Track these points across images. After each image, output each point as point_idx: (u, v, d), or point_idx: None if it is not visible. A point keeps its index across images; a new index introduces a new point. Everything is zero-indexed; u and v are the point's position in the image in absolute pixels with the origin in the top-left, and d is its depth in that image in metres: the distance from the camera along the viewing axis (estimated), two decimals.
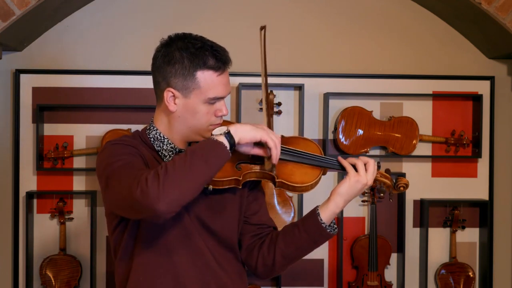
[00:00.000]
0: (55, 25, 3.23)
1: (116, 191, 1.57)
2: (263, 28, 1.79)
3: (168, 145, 1.73)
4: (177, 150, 1.74)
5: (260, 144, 1.67)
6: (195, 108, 1.68)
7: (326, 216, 1.75)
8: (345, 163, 1.78)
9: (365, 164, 1.77)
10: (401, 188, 1.83)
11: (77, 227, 3.23)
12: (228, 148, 1.57)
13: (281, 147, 1.75)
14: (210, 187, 1.69)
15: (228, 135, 1.58)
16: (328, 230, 1.75)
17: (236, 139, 1.59)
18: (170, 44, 1.69)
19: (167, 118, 1.72)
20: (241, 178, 1.71)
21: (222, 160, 1.57)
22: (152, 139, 1.74)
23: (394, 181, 1.84)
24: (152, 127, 1.75)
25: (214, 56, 1.66)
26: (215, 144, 1.56)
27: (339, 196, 1.75)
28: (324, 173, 1.79)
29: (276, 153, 1.65)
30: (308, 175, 1.75)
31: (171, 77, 1.66)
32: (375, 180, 1.81)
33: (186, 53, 1.65)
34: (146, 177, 1.49)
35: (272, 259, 1.80)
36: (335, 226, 1.79)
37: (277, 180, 1.74)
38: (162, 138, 1.73)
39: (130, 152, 1.65)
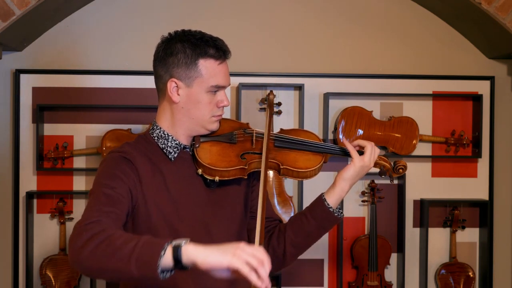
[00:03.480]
0: (55, 25, 3.23)
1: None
2: (270, 106, 1.87)
3: (172, 142, 1.75)
4: (181, 146, 1.76)
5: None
6: (197, 98, 1.72)
7: (332, 200, 1.80)
8: (350, 147, 1.84)
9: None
10: (400, 170, 1.92)
11: None
12: (162, 274, 1.38)
13: (284, 136, 1.83)
14: (217, 178, 1.72)
15: (178, 251, 1.37)
16: (336, 214, 1.80)
17: (187, 261, 1.38)
18: (171, 39, 1.76)
19: (170, 112, 1.75)
20: (246, 167, 1.74)
21: (148, 276, 1.40)
22: (156, 138, 1.76)
23: (392, 164, 1.92)
24: (155, 127, 1.77)
25: (215, 45, 1.72)
26: (154, 260, 1.38)
27: (344, 181, 1.81)
28: (325, 160, 1.85)
29: (256, 279, 1.35)
30: (311, 161, 1.82)
31: (174, 67, 1.71)
32: (375, 164, 1.88)
33: (188, 44, 1.71)
34: (83, 230, 1.48)
35: (282, 250, 1.83)
36: (341, 210, 1.84)
37: (282, 167, 1.79)
38: (166, 135, 1.75)
39: (122, 178, 1.64)
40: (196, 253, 1.37)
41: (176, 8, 3.27)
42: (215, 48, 1.72)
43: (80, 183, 3.22)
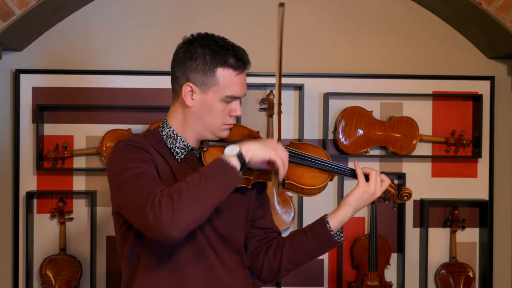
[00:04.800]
0: (55, 25, 3.23)
1: (128, 204, 1.59)
2: (281, 4, 1.78)
3: (181, 143, 1.74)
4: (189, 148, 1.75)
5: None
6: (211, 105, 1.71)
7: (334, 224, 1.80)
8: (359, 170, 1.82)
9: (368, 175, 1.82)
10: (405, 198, 1.90)
11: (77, 227, 3.23)
12: (239, 173, 1.59)
13: (293, 151, 1.81)
14: None
15: (240, 157, 1.60)
16: (336, 238, 1.80)
17: (247, 160, 1.61)
18: (192, 41, 1.73)
19: (182, 114, 1.74)
20: (251, 177, 1.73)
21: (234, 185, 1.60)
22: (165, 137, 1.75)
23: (397, 191, 1.89)
24: (165, 125, 1.77)
25: (235, 55, 1.71)
26: (228, 168, 1.57)
27: (348, 206, 1.80)
28: (331, 179, 1.84)
29: (283, 172, 1.67)
30: (317, 179, 1.80)
31: (191, 72, 1.70)
32: None
33: (209, 50, 1.69)
34: (159, 200, 1.51)
35: (278, 263, 1.82)
36: (342, 234, 1.83)
37: (287, 181, 1.78)
38: (175, 135, 1.74)
39: (143, 158, 1.65)
40: (249, 153, 1.62)
41: (175, 8, 3.27)
42: (236, 58, 1.70)
43: (80, 183, 3.22)
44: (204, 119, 1.72)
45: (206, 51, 1.69)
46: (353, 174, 1.83)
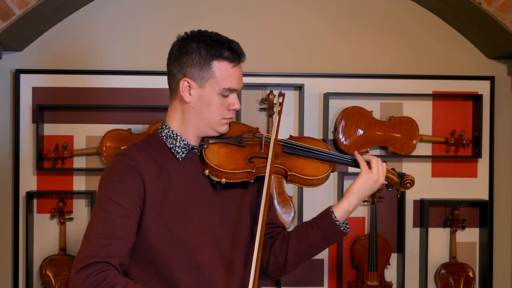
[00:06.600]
0: (55, 25, 3.23)
1: (84, 234, 1.62)
2: (281, 95, 1.87)
3: (181, 142, 1.74)
4: (190, 147, 1.75)
5: None
6: (209, 99, 1.71)
7: (339, 213, 1.78)
8: (360, 158, 1.83)
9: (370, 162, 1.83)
10: (408, 185, 1.91)
11: (77, 227, 3.23)
12: None
13: (293, 143, 1.82)
14: (223, 180, 1.71)
15: None
16: (342, 228, 1.78)
17: None
18: (186, 38, 1.74)
19: (181, 111, 1.75)
20: (254, 171, 1.74)
21: None
22: (164, 137, 1.75)
23: (400, 178, 1.91)
24: (164, 126, 1.77)
25: (230, 48, 1.72)
26: None
27: (352, 194, 1.79)
28: (333, 170, 1.84)
29: None
30: (319, 169, 1.81)
31: (188, 67, 1.71)
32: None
33: (203, 44, 1.71)
34: (88, 274, 1.53)
35: (284, 257, 1.82)
36: (348, 226, 1.82)
37: (289, 173, 1.78)
38: (174, 135, 1.75)
39: (129, 193, 1.64)
40: None
41: (176, 8, 3.27)
42: (230, 51, 1.71)
43: (80, 183, 3.22)
44: (203, 114, 1.72)
45: (201, 45, 1.70)
46: (354, 163, 1.83)
